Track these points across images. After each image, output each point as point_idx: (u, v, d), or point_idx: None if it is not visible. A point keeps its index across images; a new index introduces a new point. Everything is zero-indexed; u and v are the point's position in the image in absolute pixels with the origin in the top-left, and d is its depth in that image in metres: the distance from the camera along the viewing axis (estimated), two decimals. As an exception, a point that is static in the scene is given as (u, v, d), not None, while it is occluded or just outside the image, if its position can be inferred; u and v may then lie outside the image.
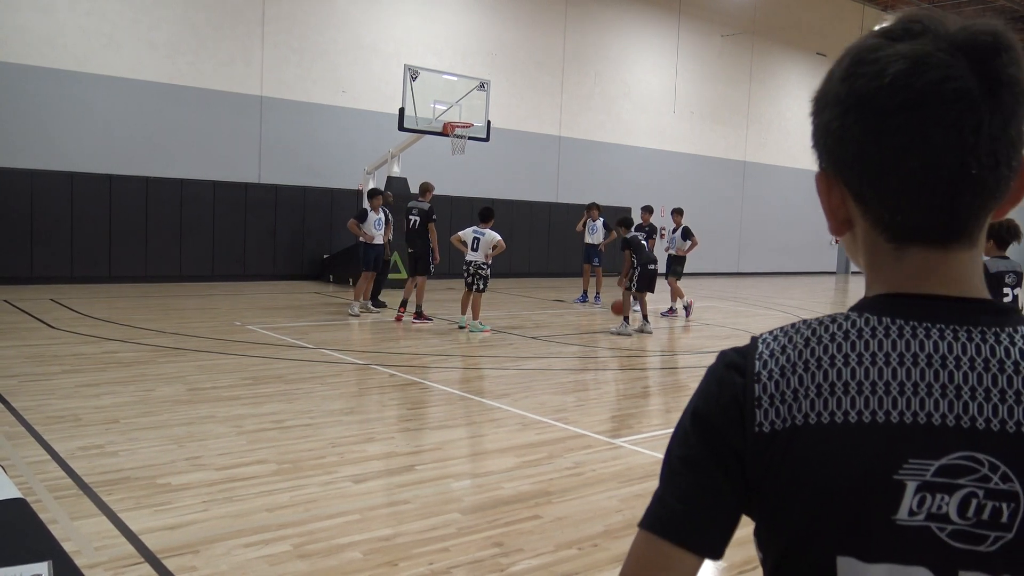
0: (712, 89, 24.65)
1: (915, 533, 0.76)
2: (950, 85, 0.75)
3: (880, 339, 0.80)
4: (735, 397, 0.83)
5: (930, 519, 0.75)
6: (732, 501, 0.83)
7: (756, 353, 0.85)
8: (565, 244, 20.22)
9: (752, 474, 0.82)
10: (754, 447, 0.81)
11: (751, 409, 0.82)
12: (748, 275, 25.27)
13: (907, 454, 0.76)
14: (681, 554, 0.83)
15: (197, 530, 3.77)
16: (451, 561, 3.55)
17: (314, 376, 7.45)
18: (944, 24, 0.78)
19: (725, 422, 0.83)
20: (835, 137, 0.82)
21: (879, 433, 0.77)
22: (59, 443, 5.01)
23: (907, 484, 0.76)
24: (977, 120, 0.75)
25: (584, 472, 4.95)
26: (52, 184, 13.85)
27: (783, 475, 0.80)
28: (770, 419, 0.80)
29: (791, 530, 0.81)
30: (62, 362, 7.52)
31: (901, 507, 0.76)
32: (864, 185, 0.81)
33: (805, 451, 0.79)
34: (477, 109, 15.28)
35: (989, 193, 0.78)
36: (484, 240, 10.60)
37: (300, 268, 16.84)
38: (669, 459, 0.87)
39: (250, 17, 15.93)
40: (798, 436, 0.79)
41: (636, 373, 8.78)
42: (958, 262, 0.81)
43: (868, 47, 0.80)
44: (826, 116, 0.83)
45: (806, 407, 0.79)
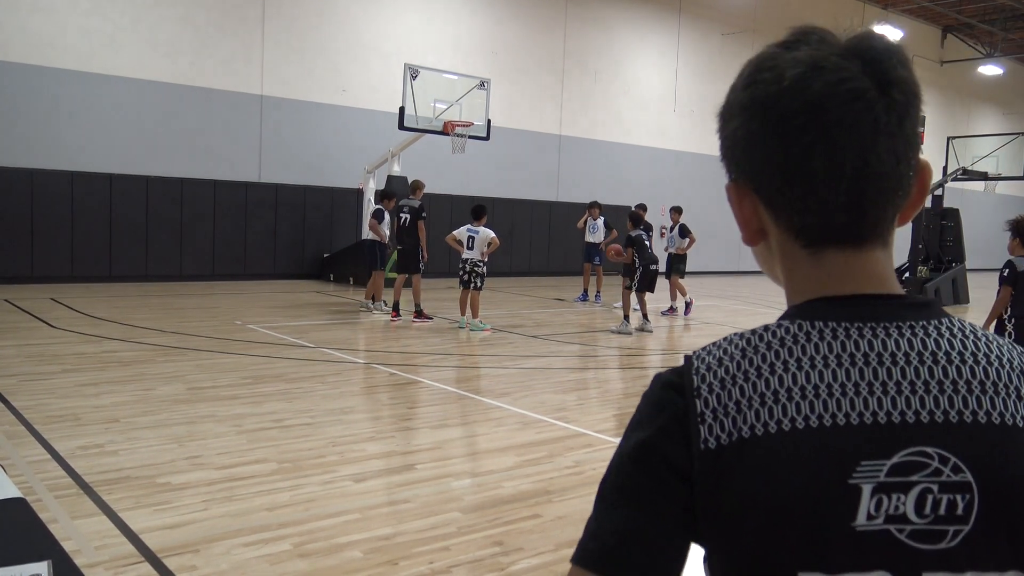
0: (713, 87, 24.62)
1: (875, 538, 0.74)
2: (846, 86, 0.77)
3: (815, 343, 0.79)
4: (675, 416, 0.80)
5: (888, 521, 0.73)
6: (675, 530, 0.79)
7: (693, 369, 0.82)
8: (565, 243, 20.21)
9: (700, 495, 0.78)
10: (701, 465, 0.77)
11: (695, 426, 0.78)
12: (748, 273, 25.27)
13: (859, 456, 0.74)
14: None
15: (197, 529, 3.78)
16: (451, 560, 3.55)
17: (314, 375, 7.45)
18: (835, 35, 0.82)
19: (668, 444, 0.79)
20: (742, 145, 0.83)
21: (828, 437, 0.75)
22: (59, 442, 5.01)
23: (863, 488, 0.74)
24: (874, 118, 0.77)
25: (584, 471, 4.95)
26: (53, 183, 13.85)
27: (734, 491, 0.76)
28: (715, 434, 0.77)
29: (746, 550, 0.77)
30: (62, 361, 7.52)
31: (859, 512, 0.73)
32: (773, 190, 0.81)
33: (755, 463, 0.76)
34: (477, 108, 15.27)
35: (893, 191, 0.80)
36: (479, 238, 10.61)
37: (301, 267, 16.84)
38: (603, 490, 0.84)
39: (251, 16, 15.93)
40: (746, 449, 0.76)
41: (636, 372, 8.77)
42: (874, 261, 0.82)
43: (766, 56, 0.82)
44: (732, 125, 0.84)
45: (751, 418, 0.77)
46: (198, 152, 15.50)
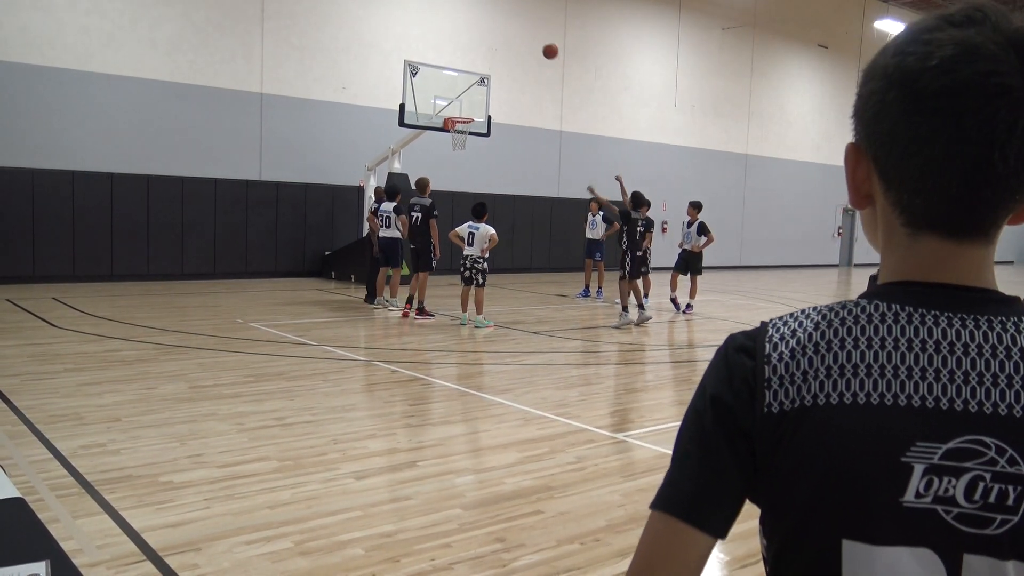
0: (713, 82, 24.59)
1: (921, 515, 0.76)
2: (994, 79, 0.75)
3: (889, 324, 0.81)
4: (745, 379, 0.84)
5: (937, 502, 0.76)
6: (739, 481, 0.84)
7: (767, 336, 0.85)
8: (567, 239, 20.20)
9: (761, 455, 0.82)
10: (763, 427, 0.82)
11: (761, 390, 0.82)
12: (750, 268, 25.24)
13: (915, 437, 0.77)
14: (691, 532, 0.84)
15: (199, 528, 3.78)
16: (453, 557, 3.55)
17: (316, 373, 7.45)
18: (1007, 19, 0.78)
19: (736, 403, 0.83)
20: (874, 110, 0.83)
21: (888, 415, 0.78)
22: (61, 442, 5.01)
23: (915, 467, 0.76)
24: (1013, 119, 0.75)
25: (586, 467, 4.94)
26: (54, 183, 13.85)
27: (791, 455, 0.81)
28: (779, 399, 0.81)
29: (796, 512, 0.81)
30: (64, 361, 7.52)
31: (908, 489, 0.76)
32: (890, 162, 0.82)
33: (813, 431, 0.80)
34: (478, 104, 15.25)
35: (1010, 194, 0.78)
36: (479, 235, 10.63)
37: (302, 265, 16.84)
38: (680, 440, 0.88)
39: (250, 14, 15.91)
40: (807, 416, 0.80)
41: (638, 367, 8.77)
42: (970, 257, 0.81)
43: (924, 27, 0.81)
44: (870, 87, 0.84)
45: (815, 388, 0.80)
46: (198, 151, 15.49)
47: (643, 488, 4.59)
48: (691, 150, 24.12)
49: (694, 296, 13.19)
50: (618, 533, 3.90)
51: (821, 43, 27.51)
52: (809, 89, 27.69)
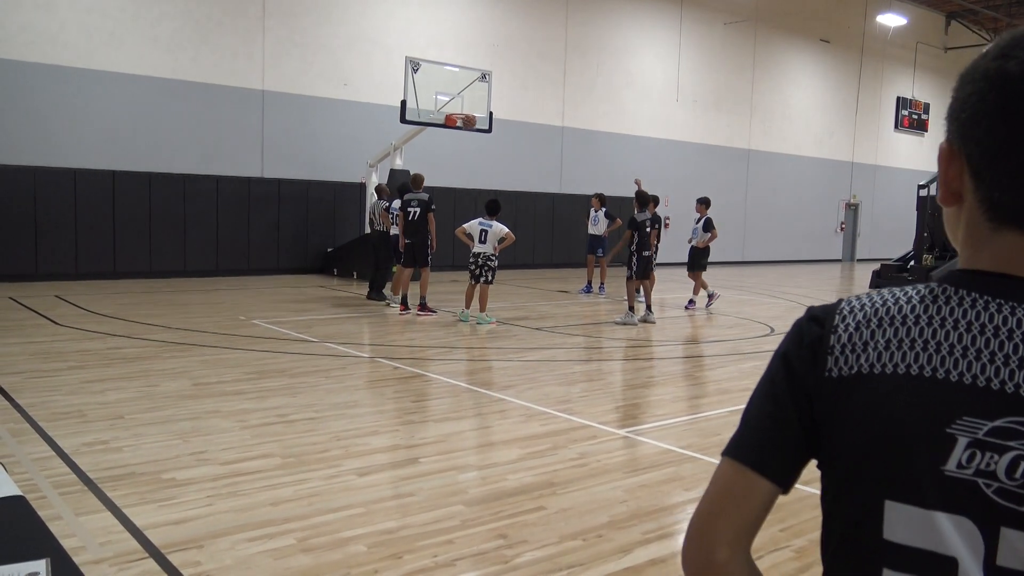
0: (715, 77, 24.54)
1: (962, 485, 0.82)
2: None
3: (952, 307, 0.87)
4: (811, 344, 0.93)
5: (978, 475, 0.81)
6: (800, 436, 0.92)
7: (837, 309, 0.94)
8: (569, 235, 20.19)
9: (819, 414, 0.91)
10: (823, 389, 0.90)
11: (823, 355, 0.91)
12: (753, 263, 25.21)
13: (962, 411, 0.82)
14: (755, 477, 0.93)
15: (202, 525, 3.78)
16: (456, 553, 3.55)
17: (318, 370, 7.45)
18: None
19: (800, 365, 0.93)
20: (971, 111, 0.86)
21: (938, 388, 0.84)
22: (64, 439, 5.02)
23: (959, 439, 0.82)
24: None
25: (589, 463, 4.94)
26: (55, 181, 13.87)
27: (845, 416, 0.89)
28: (839, 365, 0.90)
29: (844, 473, 0.89)
30: (67, 358, 7.53)
31: (951, 459, 0.82)
32: (984, 162, 0.85)
33: (867, 396, 0.87)
34: (479, 100, 15.23)
35: None
36: (492, 232, 10.60)
37: (304, 262, 16.85)
38: (753, 396, 0.98)
39: (251, 11, 15.90)
40: (862, 382, 0.88)
41: (641, 363, 8.76)
42: None
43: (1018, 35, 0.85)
44: (968, 89, 0.87)
45: (873, 358, 0.88)
46: (200, 148, 15.49)
47: (646, 484, 4.59)
48: (693, 145, 24.08)
49: (697, 292, 13.18)
50: (621, 529, 3.90)
51: (823, 38, 27.42)
52: (811, 84, 27.62)
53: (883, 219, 30.41)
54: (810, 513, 4.16)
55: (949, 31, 31.89)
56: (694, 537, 0.96)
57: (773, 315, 12.81)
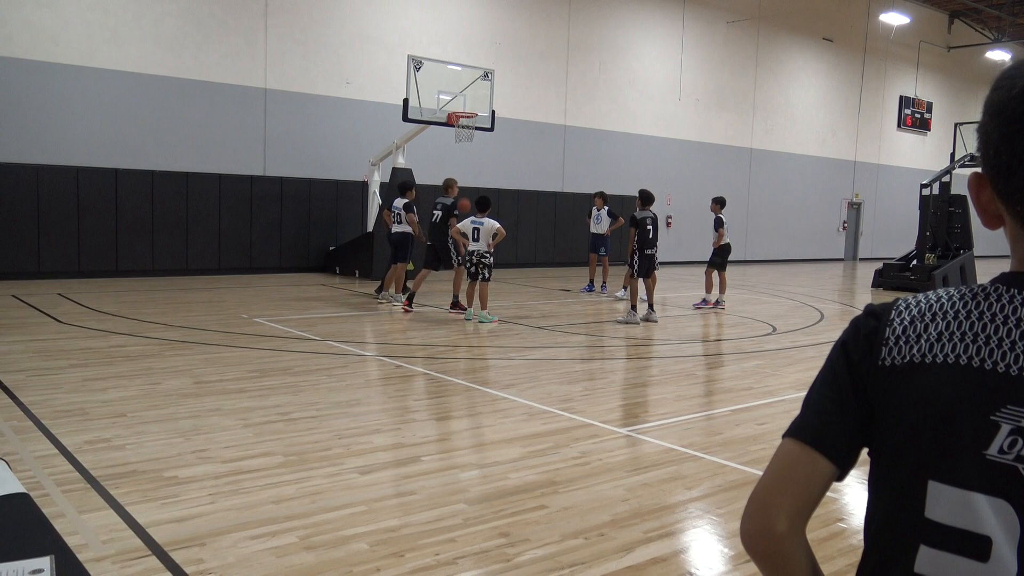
0: (718, 76, 24.52)
1: (1002, 470, 0.88)
2: None
3: (1003, 304, 0.94)
4: (868, 336, 1.02)
5: (1018, 460, 0.87)
6: (857, 419, 1.01)
7: (895, 305, 1.03)
8: (571, 234, 20.19)
9: (874, 400, 1.00)
10: (877, 377, 0.99)
11: (878, 347, 1.00)
12: (755, 262, 25.20)
13: (1007, 400, 0.89)
14: (815, 456, 1.01)
15: (204, 523, 3.78)
16: (457, 552, 3.55)
17: (320, 368, 7.45)
18: None
19: (857, 353, 1.02)
20: (983, 140, 0.96)
21: (984, 377, 0.91)
22: (66, 437, 5.03)
23: (1002, 425, 0.89)
24: None
25: (590, 462, 4.94)
26: (58, 179, 13.88)
27: (896, 401, 0.97)
28: (892, 355, 0.99)
29: (892, 454, 0.97)
30: (69, 356, 7.54)
31: (993, 444, 0.89)
32: (1000, 181, 0.94)
33: (917, 382, 0.96)
34: (481, 99, 15.22)
35: None
36: (483, 229, 10.63)
37: (306, 260, 16.86)
38: (815, 383, 1.07)
39: (253, 10, 15.90)
40: (913, 370, 0.96)
41: (642, 362, 8.76)
42: None
43: (1011, 66, 0.96)
44: (982, 121, 0.98)
45: (925, 348, 0.96)
46: (202, 146, 15.50)
47: (647, 483, 4.59)
48: (696, 144, 24.06)
49: (709, 291, 13.17)
50: (622, 528, 3.90)
51: (826, 36, 27.38)
52: (814, 83, 27.58)
53: (886, 218, 30.38)
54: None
55: (952, 30, 31.84)
56: (756, 510, 1.03)
57: (775, 314, 12.81)
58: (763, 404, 6.70)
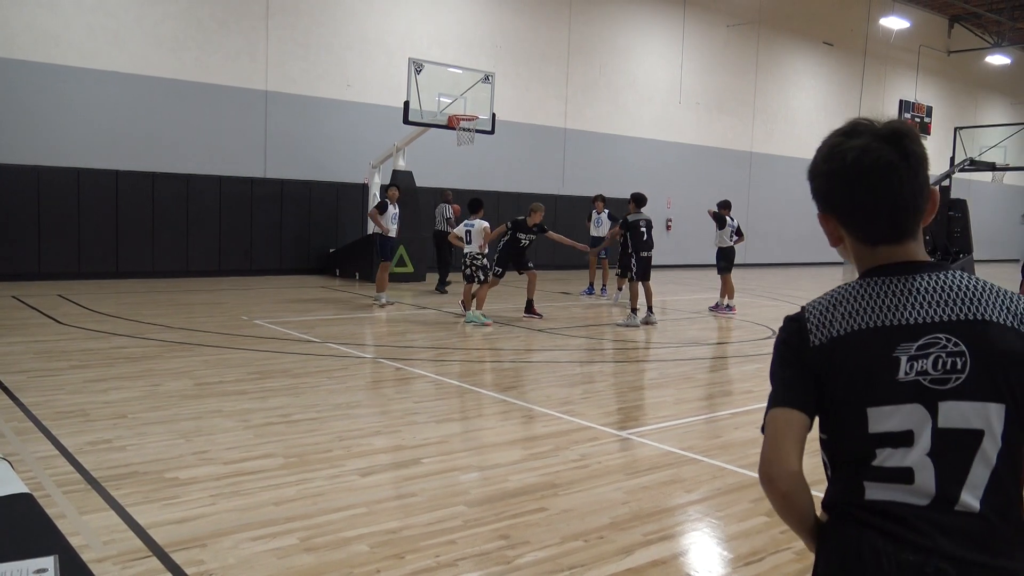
0: (718, 79, 24.54)
1: (909, 384, 1.35)
2: (883, 160, 1.39)
3: (875, 287, 1.43)
4: (796, 332, 1.47)
5: (917, 375, 1.35)
6: (812, 383, 1.42)
7: (804, 309, 1.50)
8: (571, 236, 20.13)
9: (818, 370, 1.42)
10: (814, 354, 1.43)
11: (806, 335, 1.45)
12: (754, 266, 25.20)
13: (899, 341, 1.37)
14: (795, 413, 1.42)
15: (205, 524, 3.79)
16: (458, 554, 3.56)
17: (320, 370, 7.46)
18: (874, 122, 1.42)
19: (795, 342, 1.47)
20: (824, 194, 1.48)
21: (882, 332, 1.38)
22: (67, 438, 5.03)
23: (900, 358, 1.37)
24: (900, 177, 1.39)
25: (590, 464, 4.95)
26: (59, 180, 13.89)
27: (830, 365, 1.40)
28: (818, 338, 1.43)
29: (837, 398, 1.40)
30: (70, 358, 7.55)
31: (899, 371, 1.36)
32: (846, 218, 1.46)
33: (842, 348, 1.40)
34: (482, 102, 15.25)
35: (915, 212, 1.42)
36: (475, 230, 10.66)
37: (306, 262, 16.87)
38: (774, 369, 1.50)
39: (255, 12, 15.92)
40: (835, 342, 1.41)
41: (642, 365, 8.76)
42: (906, 248, 1.44)
43: (835, 144, 1.44)
44: (818, 182, 1.48)
45: (838, 326, 1.42)
46: (203, 148, 15.52)
47: (647, 486, 4.59)
48: (696, 147, 24.08)
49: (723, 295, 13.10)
50: (622, 530, 3.91)
51: (826, 40, 27.41)
52: (814, 86, 27.61)
53: (885, 222, 30.36)
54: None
55: (952, 34, 31.88)
56: (774, 459, 1.41)
57: (775, 317, 12.81)
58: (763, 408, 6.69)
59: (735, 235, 13.09)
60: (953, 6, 29.68)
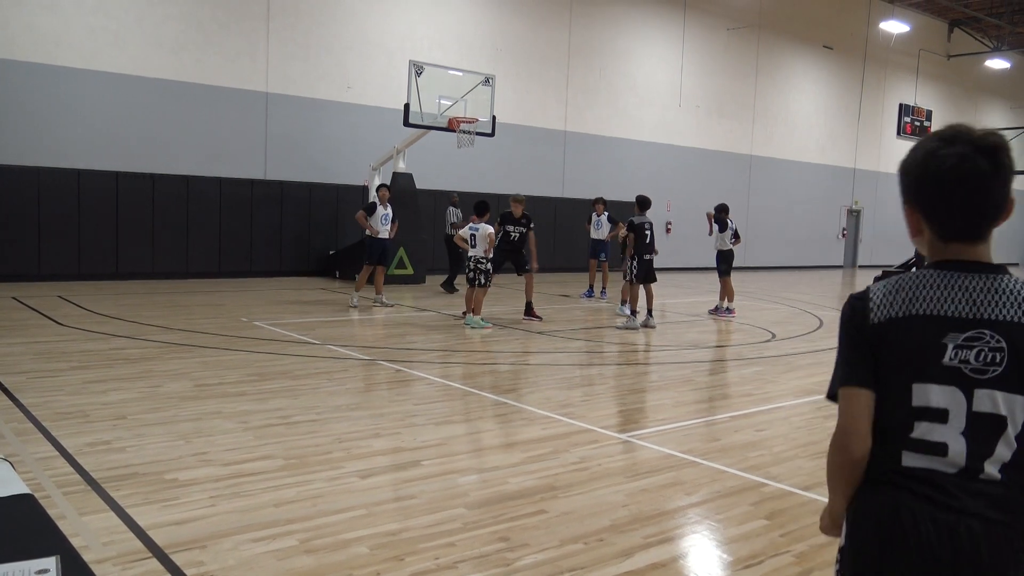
0: (718, 83, 24.57)
1: (952, 370, 1.54)
2: (977, 168, 1.53)
3: (938, 278, 1.59)
4: (861, 309, 1.65)
5: (960, 363, 1.54)
6: (870, 359, 1.61)
7: (868, 289, 1.67)
8: (571, 239, 20.20)
9: (874, 346, 1.61)
10: (870, 330, 1.62)
11: (867, 313, 1.63)
12: (754, 269, 25.21)
13: (949, 330, 1.55)
14: (860, 390, 1.61)
15: (204, 525, 3.79)
16: (457, 556, 3.56)
17: (320, 372, 7.47)
18: (972, 132, 1.55)
19: (857, 320, 1.64)
20: (915, 189, 1.62)
21: (934, 320, 1.56)
22: (67, 439, 5.03)
23: (947, 345, 1.55)
24: (989, 187, 1.55)
25: (590, 467, 4.95)
26: (59, 181, 13.90)
27: (888, 341, 1.59)
28: (877, 316, 1.61)
29: (888, 370, 1.59)
30: (70, 359, 7.55)
31: (945, 356, 1.55)
32: (931, 214, 1.61)
33: (897, 329, 1.59)
34: (482, 104, 15.26)
35: (993, 220, 1.58)
36: (480, 235, 10.65)
37: (306, 264, 16.87)
38: (840, 350, 1.68)
39: (255, 13, 15.94)
40: (893, 322, 1.59)
41: (642, 368, 8.77)
42: (975, 249, 1.60)
43: (934, 148, 1.57)
44: (910, 178, 1.62)
45: (897, 309, 1.60)
46: (203, 149, 15.53)
47: (646, 489, 4.60)
48: (695, 151, 24.11)
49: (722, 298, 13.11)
50: (622, 533, 3.91)
51: (826, 44, 27.45)
52: (814, 90, 27.64)
53: (885, 225, 30.42)
54: (810, 519, 4.17)
55: (952, 38, 31.92)
56: (852, 431, 1.61)
57: (774, 320, 12.82)
58: (762, 410, 6.71)
59: (734, 238, 13.11)
60: (953, 10, 29.73)
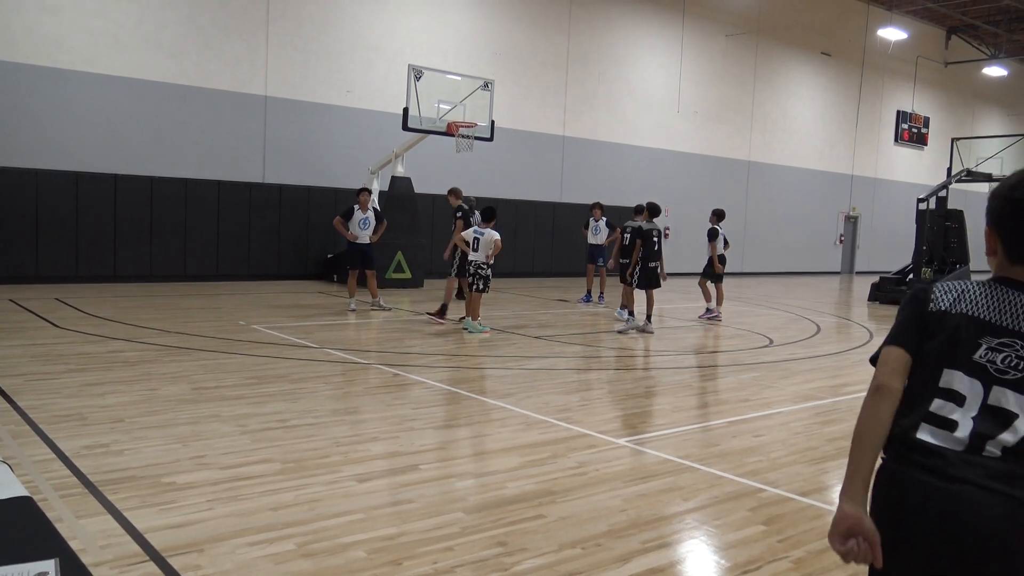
0: (716, 89, 24.62)
1: (980, 366, 1.79)
2: None
3: (993, 290, 1.85)
4: (924, 296, 1.93)
5: (988, 362, 1.79)
6: (918, 333, 1.89)
7: (937, 284, 1.94)
8: (569, 244, 20.21)
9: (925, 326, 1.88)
10: (929, 316, 1.89)
11: (928, 302, 1.91)
12: (752, 275, 25.24)
13: (986, 333, 1.81)
14: (899, 350, 1.90)
15: (202, 529, 3.79)
16: (455, 560, 3.56)
17: (318, 375, 7.46)
18: None
19: (920, 304, 1.92)
20: (998, 215, 1.86)
21: (978, 322, 1.82)
22: (64, 442, 5.03)
23: (982, 343, 1.80)
24: None
25: (588, 472, 4.95)
26: (57, 184, 13.89)
27: (936, 327, 1.87)
28: (936, 305, 1.89)
29: (929, 353, 1.86)
30: (67, 361, 7.54)
31: (977, 353, 1.80)
32: (1005, 237, 1.85)
33: (946, 319, 1.86)
34: (481, 109, 15.28)
35: None
36: (484, 240, 10.62)
37: (304, 268, 16.86)
38: (896, 321, 1.95)
39: (255, 17, 15.96)
40: (945, 314, 1.87)
41: (640, 373, 8.77)
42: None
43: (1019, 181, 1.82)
44: (998, 203, 1.86)
45: (950, 303, 1.87)
46: (202, 152, 15.53)
47: (644, 493, 4.60)
48: (694, 156, 24.14)
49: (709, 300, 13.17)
50: (620, 538, 3.91)
51: (824, 51, 27.52)
52: (812, 96, 27.70)
53: (882, 232, 30.47)
54: (808, 524, 4.17)
55: (949, 46, 32.02)
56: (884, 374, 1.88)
57: (772, 326, 12.83)
58: (760, 416, 6.72)
59: (725, 243, 13.25)
60: (950, 18, 29.82)
